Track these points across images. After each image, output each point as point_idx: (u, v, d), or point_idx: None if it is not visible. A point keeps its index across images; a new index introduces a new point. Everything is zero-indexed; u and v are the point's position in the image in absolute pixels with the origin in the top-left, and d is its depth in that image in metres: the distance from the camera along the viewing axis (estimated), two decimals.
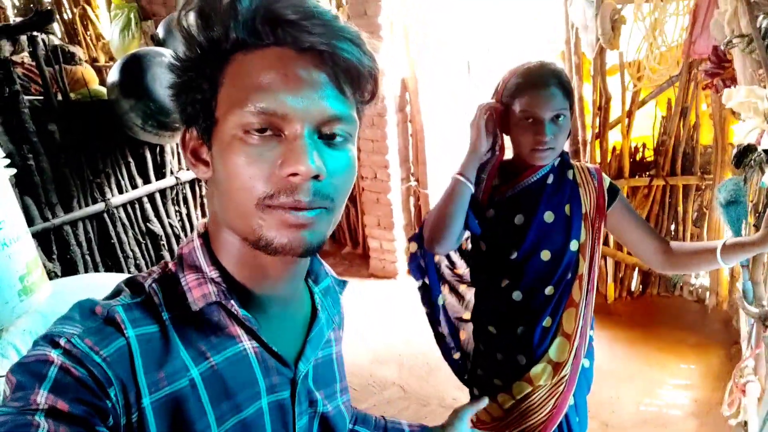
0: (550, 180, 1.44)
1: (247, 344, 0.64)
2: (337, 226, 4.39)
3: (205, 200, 3.28)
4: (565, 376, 1.47)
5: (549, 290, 1.46)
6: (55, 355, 0.52)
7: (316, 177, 0.55)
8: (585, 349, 1.50)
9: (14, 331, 1.18)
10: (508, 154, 1.56)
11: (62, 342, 0.53)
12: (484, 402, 1.02)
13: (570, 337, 1.47)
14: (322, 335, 0.74)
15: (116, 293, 0.62)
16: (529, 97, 1.34)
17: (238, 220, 0.58)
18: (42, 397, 0.50)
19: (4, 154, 2.24)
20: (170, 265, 0.66)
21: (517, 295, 1.46)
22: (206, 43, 0.57)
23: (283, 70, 0.55)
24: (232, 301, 0.61)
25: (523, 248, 1.43)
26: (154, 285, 0.62)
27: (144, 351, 0.57)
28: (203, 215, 3.38)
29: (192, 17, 0.56)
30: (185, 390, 0.58)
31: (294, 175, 0.54)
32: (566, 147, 3.03)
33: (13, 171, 1.40)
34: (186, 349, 0.60)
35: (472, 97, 4.37)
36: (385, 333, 3.59)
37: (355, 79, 0.59)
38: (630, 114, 3.29)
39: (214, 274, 0.62)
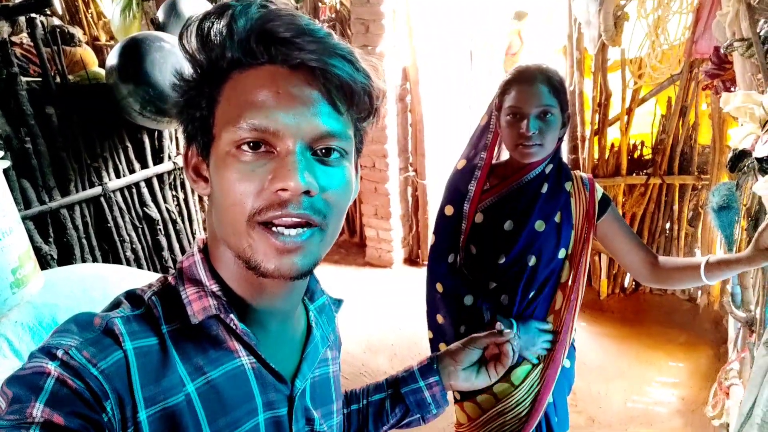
0: (544, 189, 1.45)
1: (245, 359, 0.64)
2: None
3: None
4: (539, 372, 1.49)
5: (532, 294, 1.48)
6: (52, 366, 0.52)
7: (307, 193, 0.56)
8: (565, 352, 1.52)
9: (6, 323, 1.19)
10: (503, 156, 1.57)
11: (59, 353, 0.53)
12: (507, 335, 0.93)
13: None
14: (317, 352, 0.74)
15: (115, 305, 0.62)
16: (515, 92, 1.37)
17: (231, 237, 0.59)
18: (38, 410, 0.49)
19: (1, 139, 2.25)
20: (170, 278, 0.66)
21: (504, 299, 1.48)
22: (206, 63, 0.58)
23: (276, 87, 0.56)
24: (232, 315, 0.61)
25: (511, 254, 1.44)
26: (153, 298, 0.62)
27: (141, 364, 0.56)
28: (200, 201, 3.39)
29: (193, 38, 0.58)
30: (181, 405, 0.58)
31: (283, 190, 0.55)
32: (565, 155, 3.05)
33: (8, 164, 1.40)
34: (183, 364, 0.59)
35: (474, 88, 4.35)
36: (378, 322, 3.61)
37: (348, 95, 0.59)
38: (630, 111, 3.29)
39: (214, 287, 0.63)
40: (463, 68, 4.29)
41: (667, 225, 3.44)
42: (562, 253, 1.47)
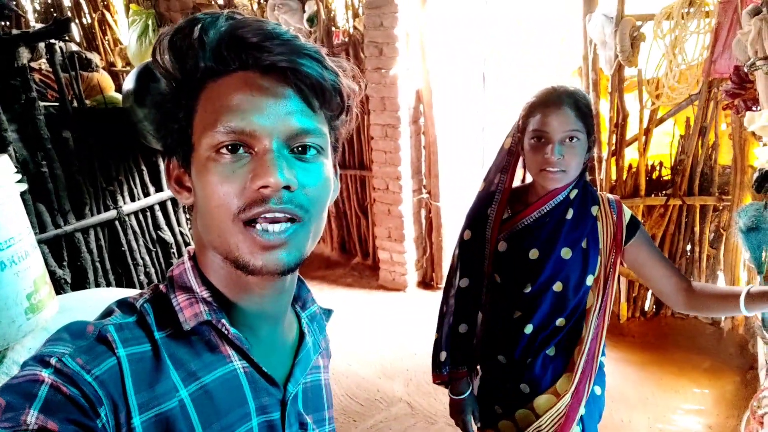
0: (569, 215, 1.40)
1: (238, 364, 0.65)
2: (348, 237, 4.37)
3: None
4: (564, 405, 1.43)
5: (560, 322, 1.43)
6: (45, 374, 0.52)
7: (287, 188, 0.57)
8: (591, 380, 1.45)
9: (20, 350, 1.17)
10: (517, 180, 1.53)
11: (53, 361, 0.53)
12: None
13: (573, 367, 1.44)
14: (310, 358, 0.75)
15: (107, 314, 0.63)
16: (540, 116, 1.32)
17: (218, 240, 0.60)
18: (32, 417, 0.49)
19: (18, 163, 2.25)
20: (161, 287, 0.67)
21: (528, 329, 1.43)
22: (180, 75, 0.61)
23: (249, 90, 0.58)
24: (223, 320, 0.63)
25: (538, 282, 1.40)
26: (145, 305, 0.63)
27: (134, 370, 0.57)
28: None
29: (166, 53, 0.60)
30: (175, 411, 0.58)
31: (265, 187, 0.56)
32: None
33: (24, 187, 1.40)
34: (176, 370, 0.60)
35: (487, 111, 4.34)
36: (392, 347, 3.55)
37: (319, 93, 0.61)
38: (647, 132, 3.25)
39: (205, 293, 0.64)
40: (477, 91, 4.28)
41: (688, 247, 3.37)
42: (589, 280, 1.42)
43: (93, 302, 1.37)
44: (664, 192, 3.33)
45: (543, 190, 1.40)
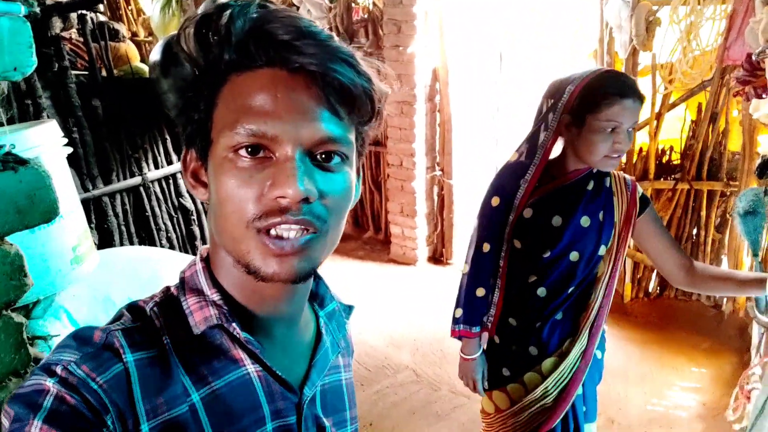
0: (590, 186, 1.50)
1: (251, 368, 0.63)
2: (360, 211, 4.45)
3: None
4: (569, 368, 1.53)
5: (571, 289, 1.52)
6: (50, 383, 0.51)
7: (306, 200, 0.54)
8: (594, 345, 1.56)
9: (65, 296, 1.31)
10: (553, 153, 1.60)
11: (59, 370, 0.52)
12: None
13: (579, 332, 1.53)
14: (327, 359, 0.72)
15: (117, 318, 0.62)
16: (618, 106, 1.35)
17: (231, 243, 0.58)
18: (36, 428, 0.49)
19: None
20: (172, 289, 0.65)
21: (541, 291, 1.53)
22: (203, 64, 0.58)
23: (274, 91, 0.55)
24: (234, 324, 0.61)
25: (557, 248, 1.49)
26: (155, 309, 0.62)
27: (142, 376, 0.56)
28: None
29: (191, 39, 0.57)
30: (185, 416, 0.57)
31: (282, 197, 0.54)
32: None
33: (70, 150, 1.51)
34: (187, 374, 0.59)
35: (503, 90, 4.38)
36: (401, 318, 3.68)
37: (349, 100, 0.57)
38: (659, 116, 3.29)
39: (215, 296, 0.62)
40: (493, 70, 4.32)
41: (694, 231, 3.43)
42: (602, 250, 1.52)
43: (128, 258, 1.50)
44: (673, 176, 3.38)
45: (574, 165, 1.48)
